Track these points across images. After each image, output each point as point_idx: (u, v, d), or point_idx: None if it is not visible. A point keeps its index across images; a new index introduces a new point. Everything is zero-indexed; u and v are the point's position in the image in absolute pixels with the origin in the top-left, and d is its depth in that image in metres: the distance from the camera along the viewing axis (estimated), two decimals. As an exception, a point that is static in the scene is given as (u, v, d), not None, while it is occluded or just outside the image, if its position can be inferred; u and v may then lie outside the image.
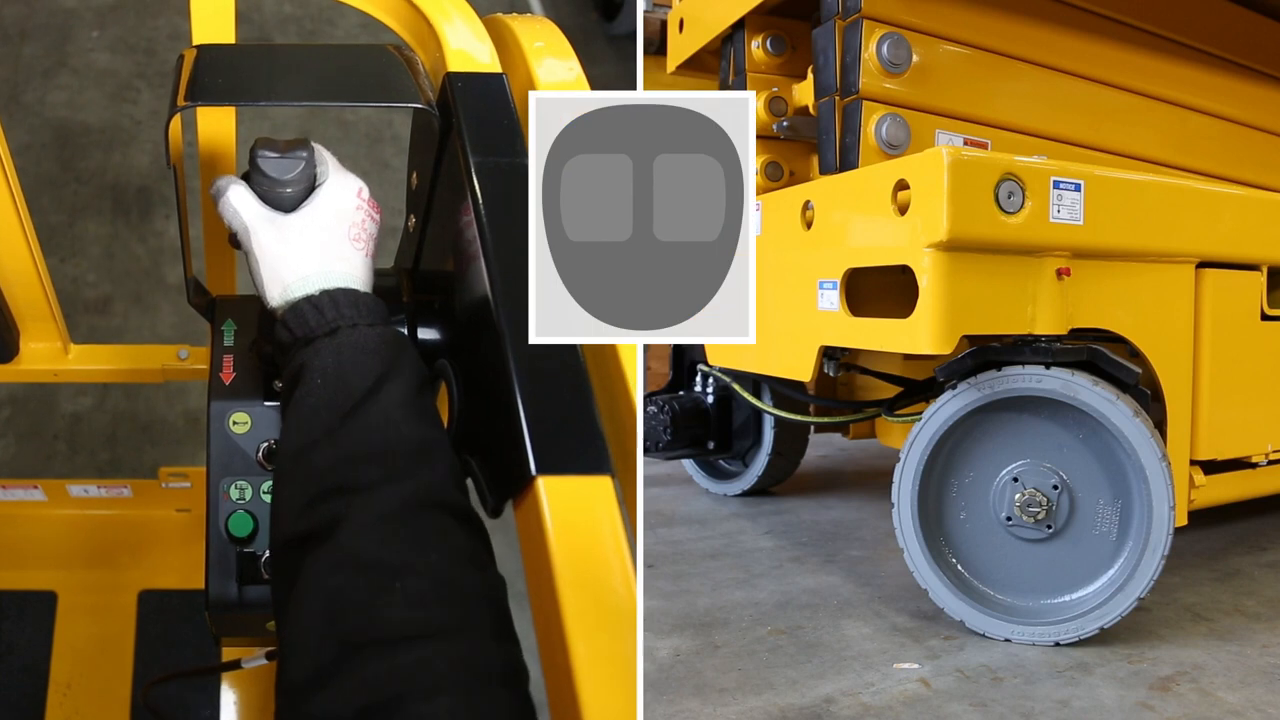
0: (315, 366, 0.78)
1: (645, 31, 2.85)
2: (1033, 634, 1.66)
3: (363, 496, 0.69)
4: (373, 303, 0.84)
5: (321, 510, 0.70)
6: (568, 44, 0.96)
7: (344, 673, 0.61)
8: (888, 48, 1.88)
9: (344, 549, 0.67)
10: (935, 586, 1.72)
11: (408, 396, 0.76)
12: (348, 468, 0.71)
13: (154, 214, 3.22)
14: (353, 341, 0.79)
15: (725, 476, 2.85)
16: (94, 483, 1.91)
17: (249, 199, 0.87)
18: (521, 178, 0.81)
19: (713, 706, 1.45)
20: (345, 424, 0.74)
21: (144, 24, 3.81)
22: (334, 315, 0.81)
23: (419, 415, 0.76)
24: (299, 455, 0.74)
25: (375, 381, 0.76)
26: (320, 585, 0.66)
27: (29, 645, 1.81)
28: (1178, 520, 1.69)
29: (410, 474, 0.71)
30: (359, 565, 0.66)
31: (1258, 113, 2.48)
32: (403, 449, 0.73)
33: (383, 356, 0.78)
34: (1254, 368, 1.96)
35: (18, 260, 1.40)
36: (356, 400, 0.75)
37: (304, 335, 0.81)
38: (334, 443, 0.73)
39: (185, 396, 2.77)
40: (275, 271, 0.85)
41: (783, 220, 1.97)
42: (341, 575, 0.66)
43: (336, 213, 0.87)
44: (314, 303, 0.82)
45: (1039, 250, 1.62)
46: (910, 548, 1.73)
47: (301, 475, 0.73)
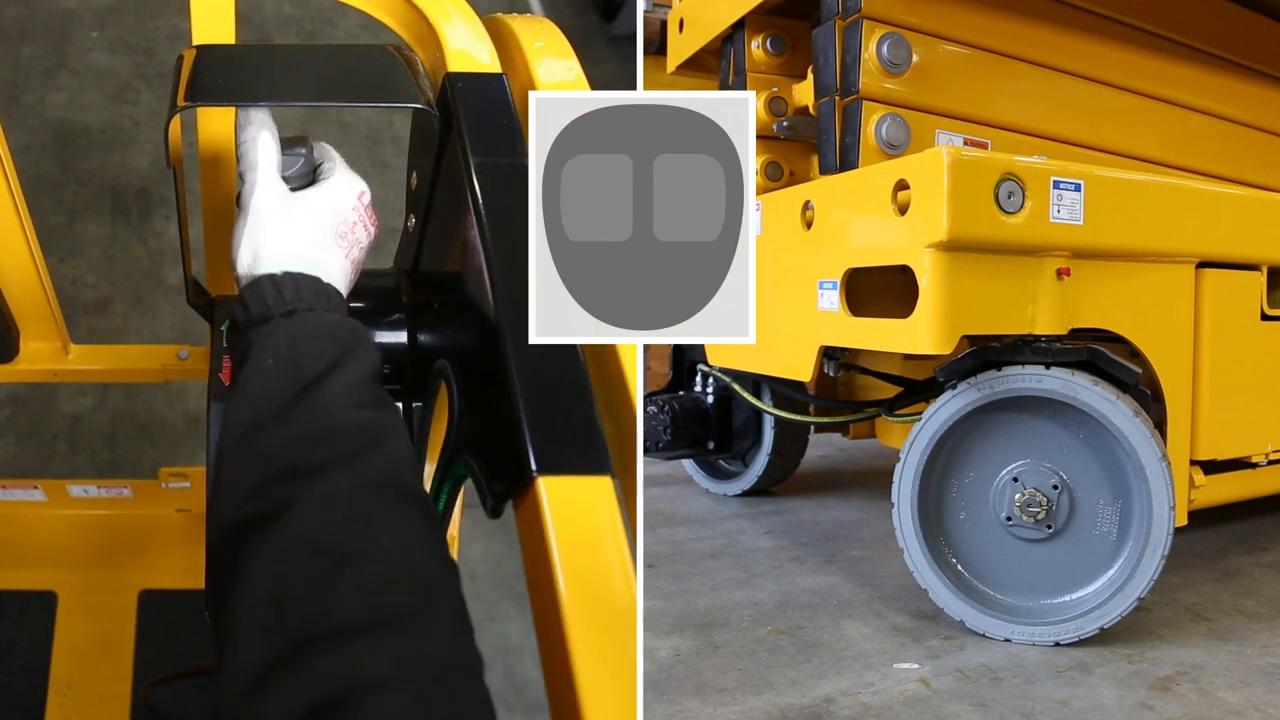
0: (267, 346, 0.75)
1: (645, 31, 2.85)
2: (1033, 634, 1.66)
3: (310, 480, 0.67)
4: (335, 294, 0.83)
5: (269, 494, 0.67)
6: (568, 44, 0.96)
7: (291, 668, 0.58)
8: (888, 48, 1.88)
9: (291, 534, 0.64)
10: (935, 586, 1.72)
11: (361, 380, 0.74)
12: (297, 450, 0.69)
13: (154, 215, 3.22)
14: (307, 324, 0.77)
15: (725, 476, 2.85)
16: (94, 483, 1.91)
17: (273, 156, 0.85)
18: (521, 178, 0.81)
19: (713, 706, 1.45)
20: (296, 405, 0.71)
21: (144, 24, 3.81)
22: (293, 297, 0.79)
23: (374, 399, 0.74)
24: (246, 436, 0.71)
25: (328, 365, 0.73)
26: (266, 572, 0.63)
27: (29, 645, 1.81)
28: (1178, 520, 1.69)
29: (361, 456, 0.68)
30: (307, 551, 0.63)
31: (1258, 113, 2.48)
32: (355, 431, 0.70)
33: (338, 341, 0.76)
34: (1254, 368, 1.96)
35: (18, 260, 1.40)
36: (308, 381, 0.72)
37: (260, 314, 0.79)
38: (284, 424, 0.70)
39: (185, 396, 2.77)
40: (255, 237, 0.83)
41: (783, 220, 1.97)
42: (288, 561, 0.63)
43: (331, 206, 0.86)
44: (275, 282, 0.80)
45: (1039, 250, 1.62)
46: (910, 548, 1.73)
47: (248, 457, 0.70)
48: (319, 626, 0.59)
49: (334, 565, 0.62)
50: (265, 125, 0.87)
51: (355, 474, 0.67)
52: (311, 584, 0.62)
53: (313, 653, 0.58)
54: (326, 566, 0.62)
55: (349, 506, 0.66)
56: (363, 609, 0.60)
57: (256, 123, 0.87)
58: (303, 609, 0.61)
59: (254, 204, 0.84)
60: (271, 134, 0.87)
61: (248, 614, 0.62)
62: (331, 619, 0.60)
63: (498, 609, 2.40)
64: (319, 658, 0.58)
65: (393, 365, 0.96)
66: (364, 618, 0.60)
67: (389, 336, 0.95)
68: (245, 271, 0.83)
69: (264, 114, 0.88)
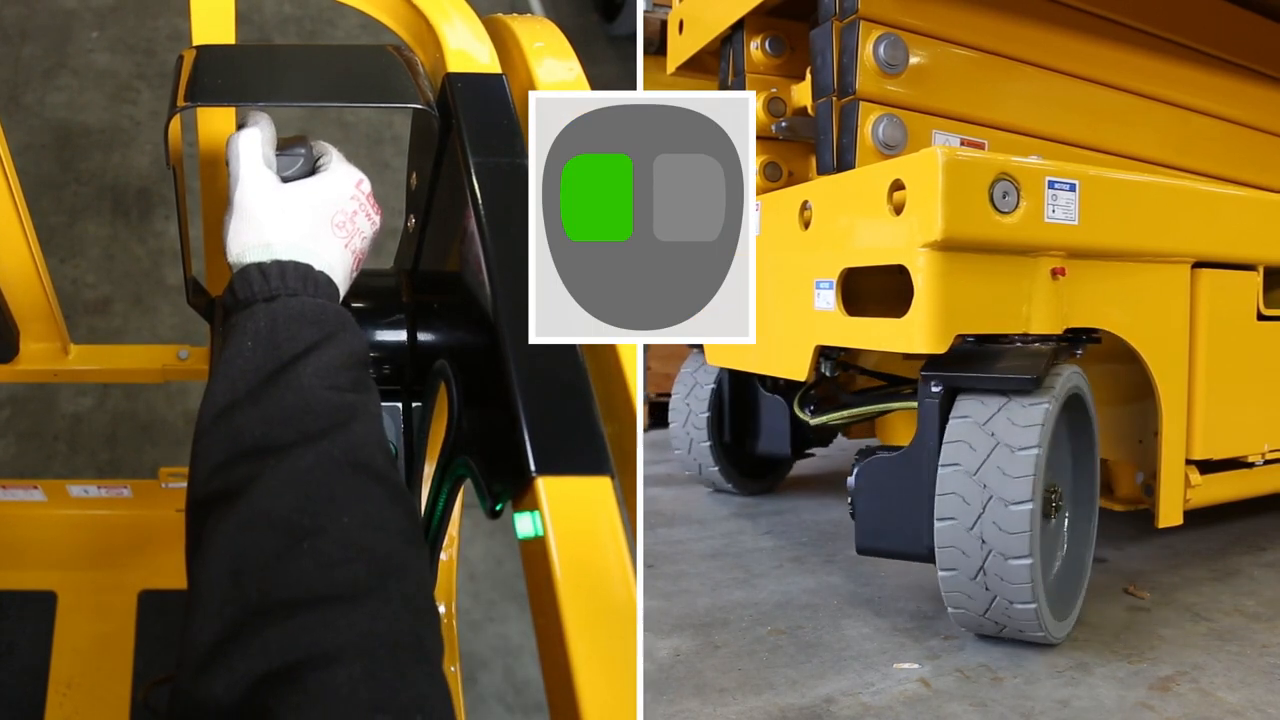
0: (248, 329, 0.76)
1: (645, 32, 2.86)
2: None
3: (277, 457, 0.67)
4: (324, 280, 0.82)
5: (236, 470, 0.67)
6: (568, 44, 0.96)
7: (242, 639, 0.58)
8: (884, 48, 1.88)
9: (254, 508, 0.65)
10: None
11: (338, 364, 0.75)
12: (266, 428, 0.69)
13: (154, 215, 3.22)
14: (289, 308, 0.77)
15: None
16: (94, 483, 1.91)
17: (256, 149, 0.86)
18: (521, 178, 0.81)
19: (713, 706, 1.46)
20: (269, 385, 0.72)
21: (144, 24, 3.81)
22: (278, 284, 0.79)
23: (351, 383, 0.74)
24: (220, 415, 0.72)
25: (305, 348, 0.74)
26: (227, 545, 0.63)
27: (29, 645, 1.81)
28: (1174, 520, 1.70)
29: (328, 436, 0.69)
30: (268, 525, 0.63)
31: (1258, 113, 2.49)
32: (324, 412, 0.71)
33: (319, 325, 0.77)
34: (1250, 368, 1.96)
35: (18, 260, 1.40)
36: (284, 362, 0.73)
37: (244, 299, 0.79)
38: (256, 403, 0.71)
39: (185, 396, 2.77)
40: (242, 229, 0.83)
41: (781, 220, 1.98)
42: (249, 535, 0.64)
43: (326, 195, 0.86)
44: (262, 269, 0.80)
45: (1034, 250, 1.63)
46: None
47: (220, 435, 0.71)
48: (273, 599, 0.60)
49: (293, 540, 0.63)
50: (254, 121, 0.87)
51: (320, 452, 0.68)
52: (269, 558, 0.62)
53: (264, 625, 0.58)
54: (285, 542, 0.63)
55: (311, 483, 0.66)
56: (318, 583, 0.60)
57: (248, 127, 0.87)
58: (259, 582, 0.61)
59: (237, 195, 0.84)
60: (258, 128, 0.87)
61: (207, 588, 0.62)
62: (286, 592, 0.60)
63: (498, 609, 2.40)
64: (269, 629, 0.58)
65: (393, 365, 0.96)
66: (318, 592, 0.60)
67: (389, 336, 0.95)
68: (234, 261, 0.84)
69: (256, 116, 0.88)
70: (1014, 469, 1.52)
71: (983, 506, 1.53)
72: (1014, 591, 1.55)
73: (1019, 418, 1.54)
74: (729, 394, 2.70)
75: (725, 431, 2.72)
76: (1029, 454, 1.51)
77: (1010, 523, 1.51)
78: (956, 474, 1.56)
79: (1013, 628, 1.61)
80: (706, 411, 2.73)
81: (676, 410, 2.83)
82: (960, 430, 1.58)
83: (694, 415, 2.76)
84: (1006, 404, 1.56)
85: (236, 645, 0.58)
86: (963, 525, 1.55)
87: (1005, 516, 1.52)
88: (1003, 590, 1.55)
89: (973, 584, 1.57)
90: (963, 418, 1.59)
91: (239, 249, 0.83)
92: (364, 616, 0.60)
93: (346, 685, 0.56)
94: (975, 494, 1.54)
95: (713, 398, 2.72)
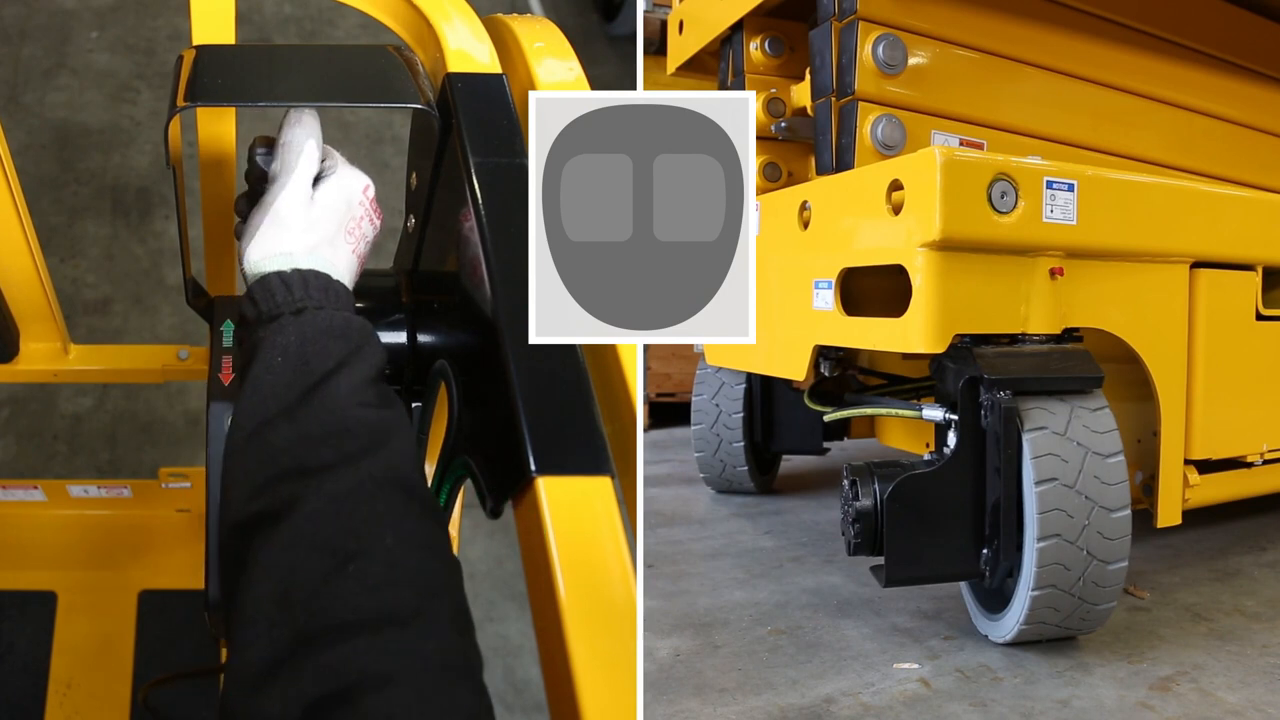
0: (277, 344, 0.76)
1: (645, 32, 2.86)
2: None
3: (318, 478, 0.68)
4: (343, 291, 0.83)
5: (277, 491, 0.68)
6: (568, 44, 0.96)
7: (295, 663, 0.59)
8: (883, 49, 1.88)
9: (298, 531, 0.65)
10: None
11: (368, 379, 0.75)
12: (305, 448, 0.70)
13: (154, 215, 3.22)
14: (317, 322, 0.78)
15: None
16: (94, 483, 1.92)
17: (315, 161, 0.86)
18: (521, 178, 0.81)
19: (713, 706, 1.46)
20: (304, 403, 0.72)
21: (144, 24, 3.81)
22: (302, 295, 0.80)
23: (379, 398, 0.75)
24: (255, 433, 0.72)
25: (337, 364, 0.74)
26: (273, 568, 0.64)
27: (29, 645, 1.81)
28: (1173, 519, 1.70)
29: (367, 455, 0.69)
30: (314, 548, 0.64)
31: (1258, 114, 2.49)
32: (361, 430, 0.71)
33: (346, 340, 0.77)
34: (1249, 368, 1.96)
35: (18, 260, 1.40)
36: (317, 380, 0.73)
37: (269, 311, 0.79)
38: (292, 422, 0.71)
39: (185, 396, 2.77)
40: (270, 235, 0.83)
41: (780, 220, 1.98)
42: (294, 557, 0.64)
43: (346, 202, 0.87)
44: (284, 279, 0.80)
45: (1032, 250, 1.63)
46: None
47: (256, 454, 0.71)
48: (323, 622, 0.60)
49: (339, 562, 0.63)
50: (312, 133, 0.87)
51: (361, 472, 0.68)
52: (317, 581, 0.63)
53: (316, 648, 0.59)
54: (332, 564, 0.63)
55: (355, 504, 0.67)
56: (366, 606, 0.61)
57: (305, 127, 0.87)
58: (308, 605, 0.62)
59: (279, 204, 0.84)
60: (316, 143, 0.87)
61: (255, 609, 0.63)
62: (335, 615, 0.61)
63: (498, 609, 2.40)
64: (322, 653, 0.59)
65: (393, 365, 0.96)
66: (367, 615, 0.61)
67: (389, 336, 0.95)
68: (253, 269, 0.83)
69: (312, 119, 0.88)
70: (1110, 476, 1.56)
71: (1087, 518, 1.55)
72: (1105, 595, 1.59)
73: (1095, 424, 1.57)
74: (759, 393, 2.69)
75: (756, 431, 2.72)
76: (1117, 460, 1.57)
77: (1114, 530, 1.56)
78: (1056, 489, 1.54)
79: (1085, 628, 1.66)
80: (740, 412, 2.69)
81: (703, 412, 2.77)
82: (1045, 443, 1.55)
83: (725, 415, 2.72)
84: (1074, 410, 1.58)
85: (289, 668, 0.59)
86: (1066, 539, 1.54)
87: (1109, 524, 1.55)
88: (1093, 595, 1.58)
89: (1066, 597, 1.57)
90: (1039, 429, 1.55)
91: (260, 255, 0.82)
92: (413, 638, 0.61)
93: (401, 707, 0.57)
94: (1079, 506, 1.54)
95: (746, 397, 2.69)
